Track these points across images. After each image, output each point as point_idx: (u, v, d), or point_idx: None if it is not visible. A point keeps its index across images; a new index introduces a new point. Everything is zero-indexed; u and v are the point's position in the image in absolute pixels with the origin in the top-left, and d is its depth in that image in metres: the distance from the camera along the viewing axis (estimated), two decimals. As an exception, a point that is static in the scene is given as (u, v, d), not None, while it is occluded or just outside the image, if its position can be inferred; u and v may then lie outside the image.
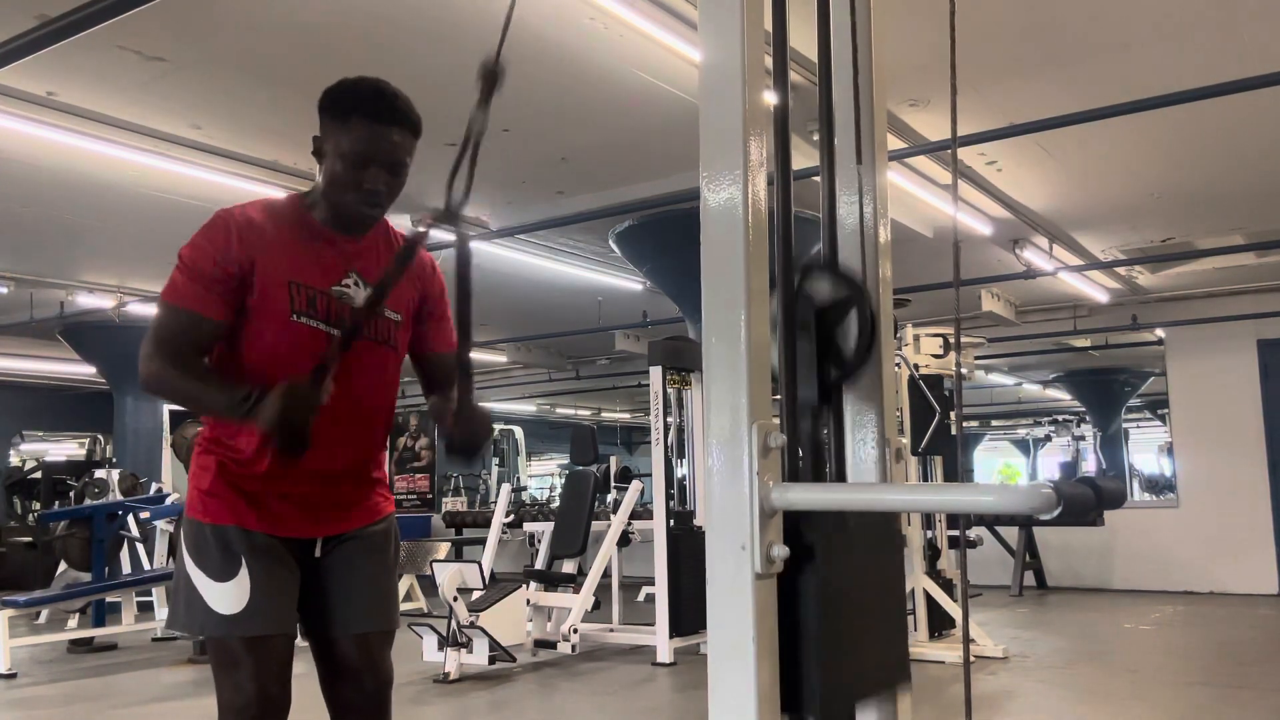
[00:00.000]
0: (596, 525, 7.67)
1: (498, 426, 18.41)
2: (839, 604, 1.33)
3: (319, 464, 2.00)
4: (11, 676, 6.40)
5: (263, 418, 1.82)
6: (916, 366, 6.76)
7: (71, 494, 11.44)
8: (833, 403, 1.52)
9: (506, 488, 9.50)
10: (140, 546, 8.60)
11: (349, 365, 1.98)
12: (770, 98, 1.36)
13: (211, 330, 1.95)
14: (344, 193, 2.00)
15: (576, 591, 6.88)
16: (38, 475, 14.18)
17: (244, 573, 1.93)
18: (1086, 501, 1.18)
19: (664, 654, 6.35)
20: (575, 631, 6.62)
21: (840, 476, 1.54)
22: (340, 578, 2.06)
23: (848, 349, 1.49)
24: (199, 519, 1.98)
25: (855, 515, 1.42)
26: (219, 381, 1.95)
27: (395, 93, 2.02)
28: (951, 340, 6.94)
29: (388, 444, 2.22)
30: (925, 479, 6.90)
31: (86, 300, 9.62)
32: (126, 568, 8.37)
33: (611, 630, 7.22)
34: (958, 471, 2.47)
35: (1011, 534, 10.24)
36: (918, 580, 6.40)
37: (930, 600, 6.46)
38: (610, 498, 10.22)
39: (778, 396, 1.34)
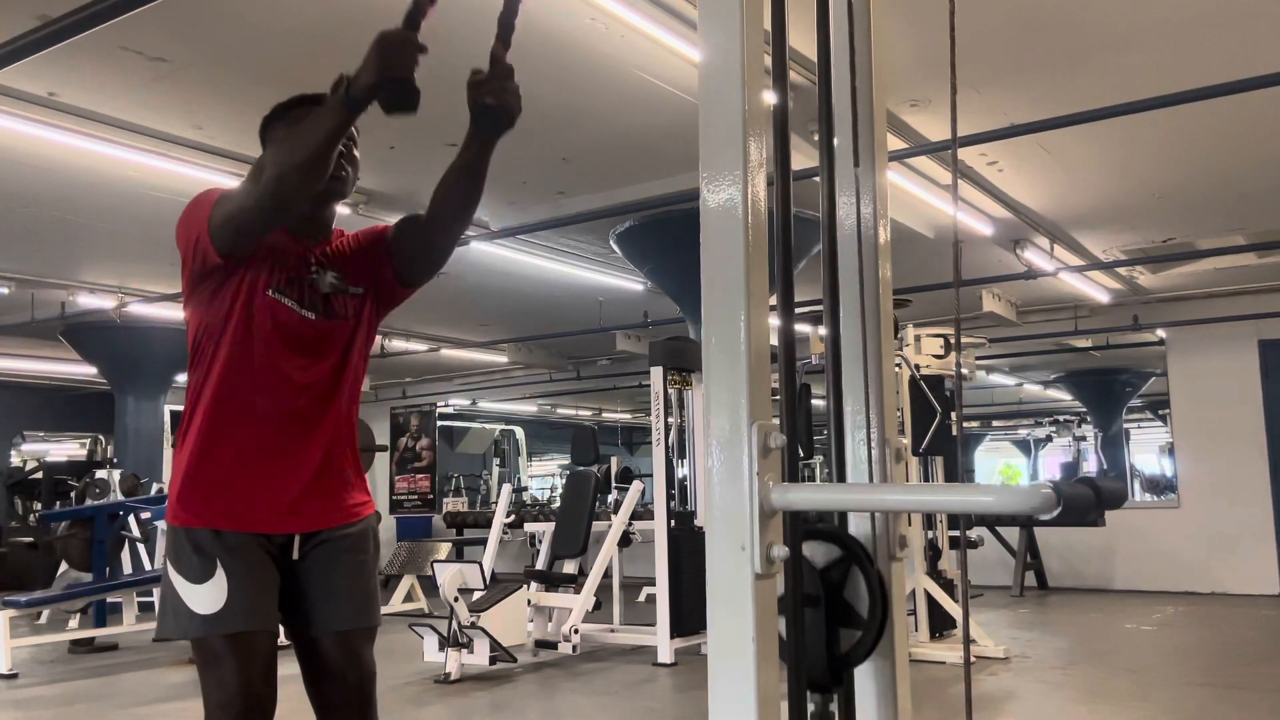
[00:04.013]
0: (597, 526, 7.67)
1: (498, 428, 18.42)
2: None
3: (290, 443, 2.03)
4: (12, 677, 6.40)
5: (366, 80, 1.76)
6: (917, 367, 6.76)
7: (72, 494, 11.46)
8: (844, 683, 1.44)
9: (507, 488, 9.50)
10: (141, 547, 8.62)
11: (313, 342, 2.06)
12: (770, 98, 1.36)
13: None
14: None
15: (577, 592, 6.89)
16: (39, 475, 14.19)
17: (220, 573, 1.95)
18: (1087, 502, 1.18)
19: (665, 654, 6.35)
20: (576, 632, 6.62)
21: (840, 478, 1.53)
22: (319, 577, 2.08)
23: (859, 631, 1.41)
24: (173, 524, 2.02)
25: None
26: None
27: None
28: (952, 340, 6.94)
29: (358, 429, 2.22)
30: (926, 479, 6.90)
31: (87, 300, 9.63)
32: (127, 568, 8.39)
33: (612, 630, 7.22)
34: (958, 472, 2.48)
35: (1012, 534, 10.24)
36: (919, 580, 6.40)
37: (931, 600, 6.46)
38: (611, 498, 10.22)
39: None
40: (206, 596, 1.94)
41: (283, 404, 2.03)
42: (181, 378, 11.69)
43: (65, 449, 16.08)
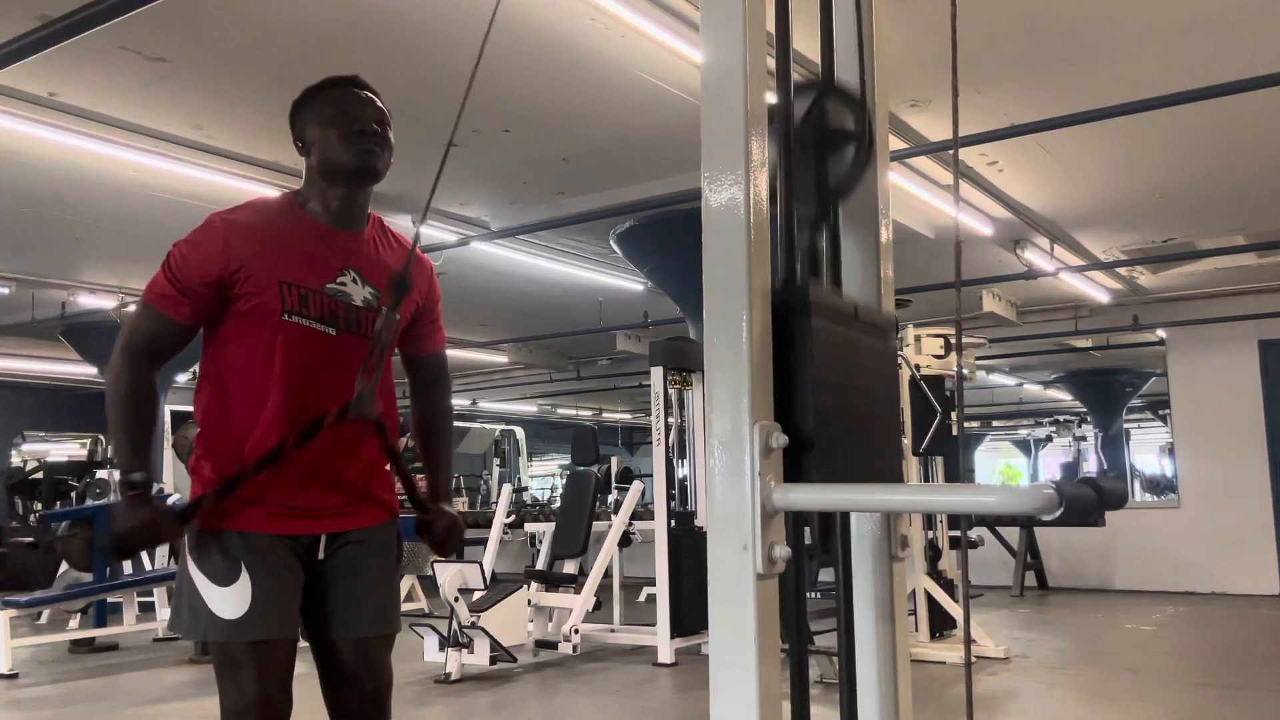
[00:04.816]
0: (597, 526, 7.67)
1: (498, 428, 18.41)
2: (835, 374, 1.34)
3: (317, 446, 2.01)
4: (13, 677, 6.40)
5: (115, 517, 1.95)
6: (918, 367, 6.76)
7: (73, 494, 11.45)
8: (830, 217, 1.53)
9: (508, 488, 9.51)
10: (141, 547, 8.60)
11: (335, 356, 2.02)
12: (772, 98, 1.36)
13: (179, 334, 2.03)
14: (341, 149, 2.06)
15: (577, 592, 6.89)
16: (39, 475, 14.18)
17: (245, 577, 1.93)
18: (1088, 502, 1.18)
19: (665, 654, 6.35)
20: (576, 632, 6.62)
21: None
22: (343, 581, 2.06)
23: (846, 163, 1.51)
24: (200, 525, 1.99)
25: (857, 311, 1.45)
26: (135, 442, 2.00)
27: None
28: (953, 341, 6.94)
29: (392, 447, 2.20)
30: (926, 480, 6.90)
31: (88, 300, 9.63)
32: (128, 568, 8.36)
33: (613, 630, 7.22)
34: (959, 472, 2.47)
35: (1013, 534, 10.24)
36: (919, 581, 6.39)
37: (931, 601, 6.46)
38: (611, 498, 10.23)
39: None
40: (230, 600, 1.92)
41: (310, 410, 1.99)
42: (182, 378, 11.69)
43: (65, 449, 16.06)
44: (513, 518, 9.30)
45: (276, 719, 1.93)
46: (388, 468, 2.19)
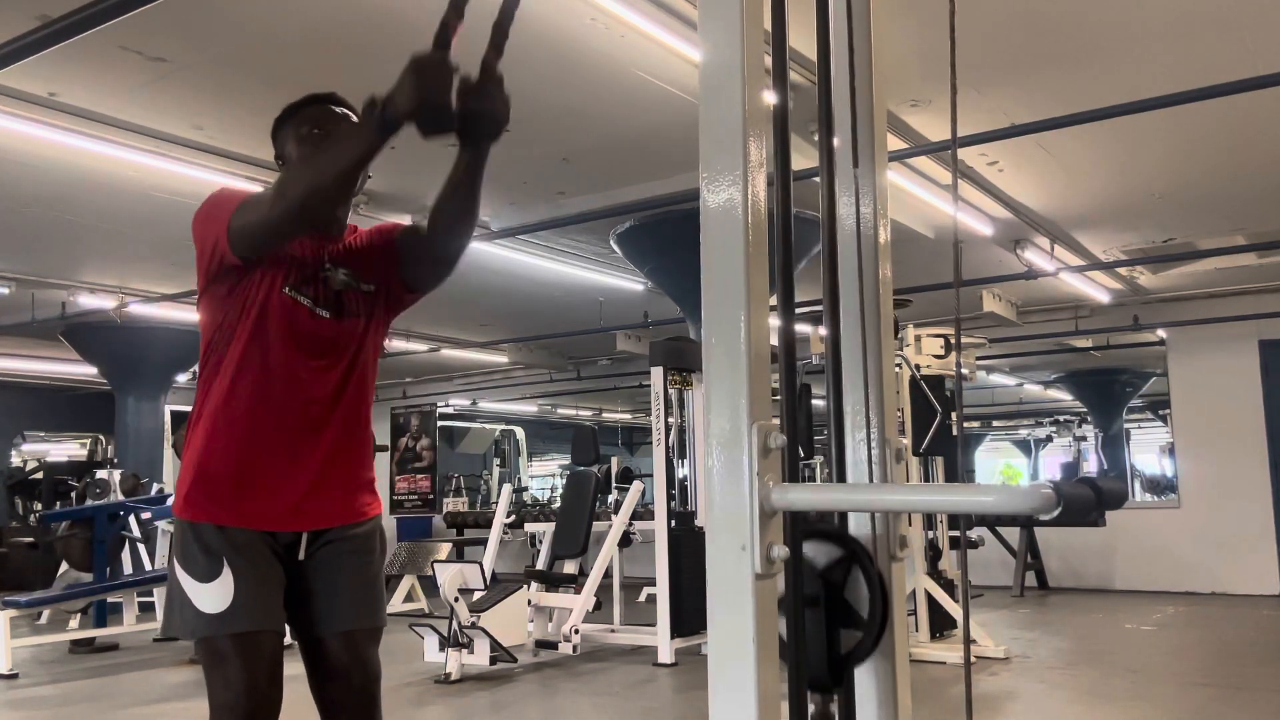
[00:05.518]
0: (597, 526, 7.67)
1: (498, 428, 18.41)
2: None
3: (300, 442, 2.03)
4: (13, 677, 6.40)
5: (403, 105, 1.73)
6: (918, 367, 6.76)
7: (73, 494, 11.45)
8: (844, 683, 1.43)
9: (508, 488, 9.51)
10: (141, 547, 8.62)
11: (325, 340, 2.06)
12: (770, 98, 1.36)
13: None
14: None
15: (578, 592, 6.89)
16: (39, 476, 14.18)
17: (226, 571, 1.95)
18: (1087, 502, 1.18)
19: (665, 654, 6.35)
20: (576, 632, 6.62)
21: (840, 478, 1.53)
22: (326, 577, 2.08)
23: (859, 631, 1.40)
24: (181, 517, 2.02)
25: None
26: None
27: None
28: (952, 341, 6.94)
29: (372, 433, 2.22)
30: (926, 480, 6.90)
31: (88, 301, 9.63)
32: (128, 568, 8.38)
33: (613, 631, 7.22)
34: (959, 472, 2.46)
35: (1013, 534, 10.24)
36: (919, 581, 6.40)
37: (931, 601, 6.46)
38: (611, 498, 10.23)
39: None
40: (213, 595, 1.94)
41: (294, 402, 2.03)
42: (182, 378, 11.72)
43: (66, 449, 16.07)
44: (513, 518, 9.30)
45: (266, 711, 1.94)
46: (370, 458, 2.22)
